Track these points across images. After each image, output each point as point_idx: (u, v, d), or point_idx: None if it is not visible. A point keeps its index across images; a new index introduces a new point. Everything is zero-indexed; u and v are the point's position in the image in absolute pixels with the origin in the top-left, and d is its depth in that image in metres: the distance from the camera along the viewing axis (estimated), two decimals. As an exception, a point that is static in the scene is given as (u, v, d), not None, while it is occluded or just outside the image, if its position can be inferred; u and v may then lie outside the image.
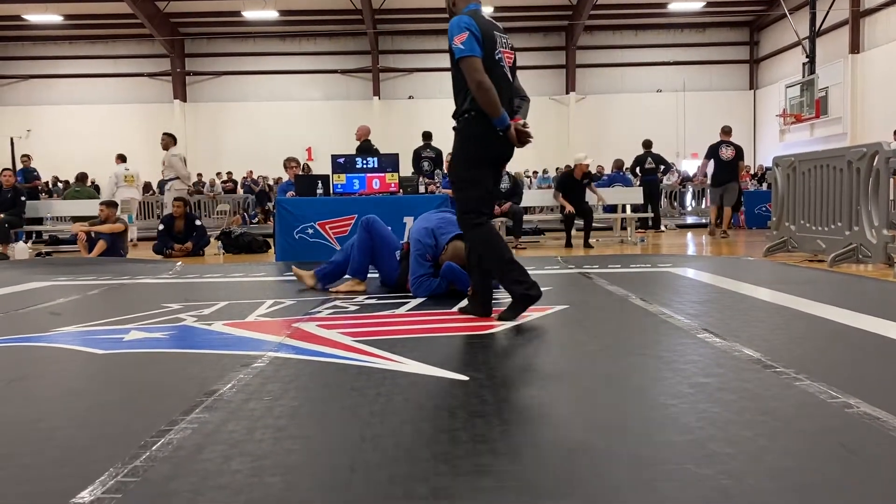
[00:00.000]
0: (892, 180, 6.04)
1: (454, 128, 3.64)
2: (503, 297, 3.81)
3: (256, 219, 17.94)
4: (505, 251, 3.60)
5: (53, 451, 1.87)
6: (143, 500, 1.54)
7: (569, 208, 9.61)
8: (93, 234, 8.57)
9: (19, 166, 14.53)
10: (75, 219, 10.91)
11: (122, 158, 13.06)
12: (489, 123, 3.48)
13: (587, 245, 9.22)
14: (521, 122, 3.65)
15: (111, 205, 8.94)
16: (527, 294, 3.52)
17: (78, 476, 1.66)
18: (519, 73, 3.86)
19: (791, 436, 1.86)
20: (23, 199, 10.63)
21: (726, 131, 11.38)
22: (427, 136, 11.26)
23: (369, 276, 5.05)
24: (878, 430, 1.88)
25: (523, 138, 3.62)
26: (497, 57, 3.54)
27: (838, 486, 1.55)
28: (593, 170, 21.04)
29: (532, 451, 1.77)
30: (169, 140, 10.96)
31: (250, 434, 1.95)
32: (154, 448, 1.84)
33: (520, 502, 1.48)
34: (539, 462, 1.70)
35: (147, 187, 21.90)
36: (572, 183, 9.79)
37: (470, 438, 1.88)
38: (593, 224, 9.84)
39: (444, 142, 10.75)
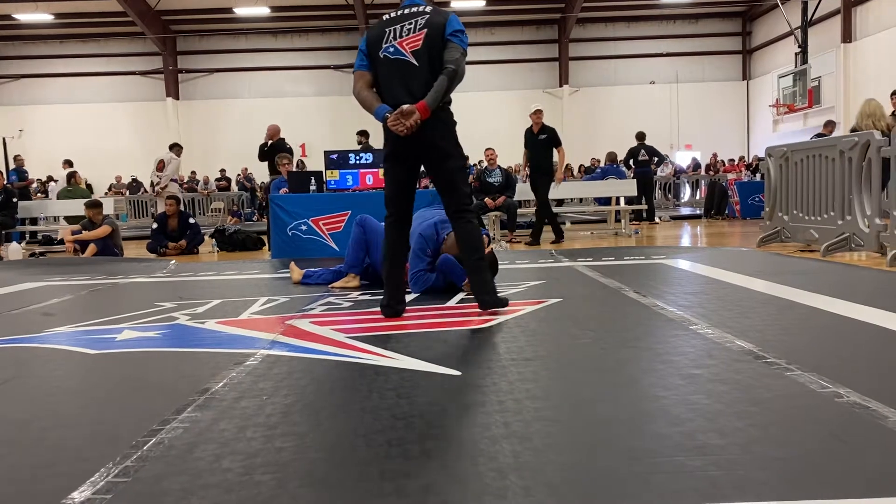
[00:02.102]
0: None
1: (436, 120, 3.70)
2: (507, 288, 3.80)
3: (255, 216, 17.85)
4: (387, 264, 3.78)
5: (45, 452, 1.87)
6: (134, 500, 1.54)
7: (523, 173, 9.40)
8: (94, 243, 8.50)
9: (12, 166, 14.47)
10: (69, 219, 10.87)
11: (68, 163, 13.23)
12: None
13: (557, 240, 8.96)
14: (406, 109, 3.47)
15: (94, 205, 8.89)
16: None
17: (69, 476, 1.66)
18: (512, 66, 3.86)
19: (781, 426, 1.87)
20: (14, 200, 10.59)
21: (826, 125, 11.56)
22: (363, 133, 11.31)
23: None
24: (868, 420, 1.89)
25: (392, 126, 3.51)
26: (382, 55, 3.64)
27: (828, 474, 1.56)
28: (586, 162, 21.08)
29: (524, 445, 1.77)
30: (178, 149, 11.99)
31: (242, 432, 1.95)
32: (145, 448, 1.84)
33: (512, 496, 1.49)
34: (531, 455, 1.71)
35: (138, 187, 21.83)
36: (532, 139, 9.04)
37: (461, 434, 1.89)
38: (558, 217, 9.60)
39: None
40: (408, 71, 3.58)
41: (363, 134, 11.25)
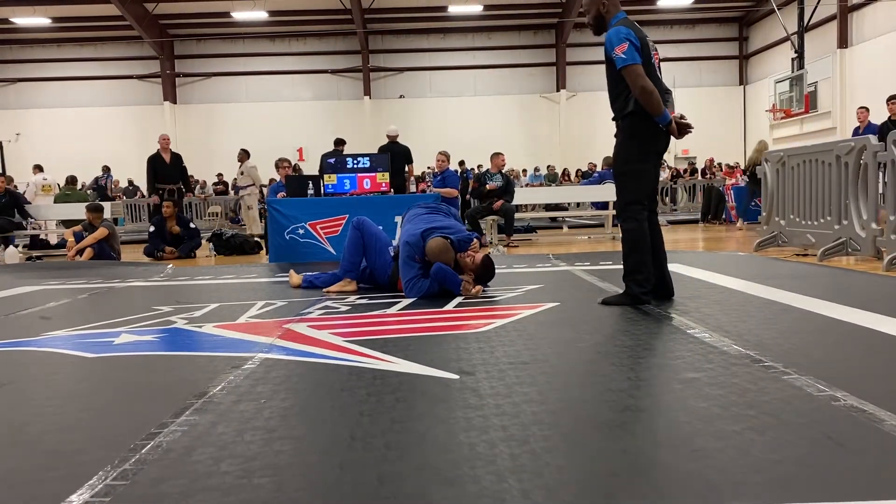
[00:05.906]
0: (879, 174, 6.07)
1: (618, 127, 3.99)
2: (504, 292, 3.81)
3: (240, 221, 17.81)
4: (645, 253, 3.94)
5: (43, 455, 1.87)
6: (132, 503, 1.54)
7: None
8: (91, 246, 8.49)
9: (8, 170, 14.46)
10: (66, 223, 10.86)
11: (39, 168, 13.34)
12: (651, 121, 3.84)
13: None
14: (678, 114, 3.90)
15: (96, 209, 8.90)
16: (638, 297, 3.93)
17: (67, 479, 1.66)
18: (509, 70, 3.94)
19: (778, 429, 1.87)
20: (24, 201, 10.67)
21: None
22: (339, 142, 11.48)
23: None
24: (865, 423, 1.89)
25: (683, 130, 3.95)
26: (652, 60, 3.89)
27: (825, 478, 1.56)
28: (583, 166, 21.06)
29: (522, 448, 1.78)
30: (244, 155, 13.13)
31: (240, 435, 1.95)
32: (144, 451, 1.84)
33: (511, 499, 1.49)
34: (528, 458, 1.71)
35: (135, 191, 21.77)
36: None
37: (459, 438, 1.89)
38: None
39: (430, 138, 10.86)
40: (660, 83, 3.92)
41: (341, 143, 11.36)
